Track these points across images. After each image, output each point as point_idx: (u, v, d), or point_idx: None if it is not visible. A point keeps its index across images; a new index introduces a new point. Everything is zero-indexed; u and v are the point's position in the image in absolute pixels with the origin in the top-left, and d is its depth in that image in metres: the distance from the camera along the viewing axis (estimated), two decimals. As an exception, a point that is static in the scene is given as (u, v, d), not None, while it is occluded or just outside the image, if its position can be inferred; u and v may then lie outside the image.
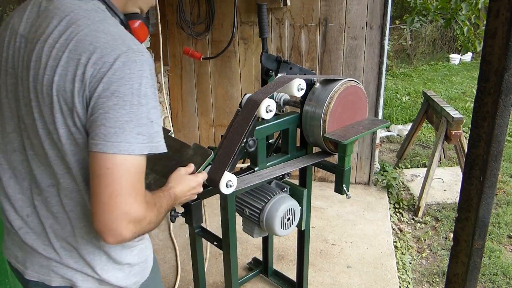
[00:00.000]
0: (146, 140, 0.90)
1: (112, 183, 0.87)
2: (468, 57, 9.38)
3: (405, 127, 5.28)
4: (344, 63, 3.45)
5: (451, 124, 3.41)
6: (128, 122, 0.87)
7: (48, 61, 0.91)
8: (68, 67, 0.89)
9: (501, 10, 0.90)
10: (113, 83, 0.87)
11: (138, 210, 0.90)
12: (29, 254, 1.07)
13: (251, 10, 3.46)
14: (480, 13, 4.06)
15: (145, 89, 0.90)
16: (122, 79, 0.87)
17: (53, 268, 1.05)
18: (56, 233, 1.03)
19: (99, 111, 0.87)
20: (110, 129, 0.86)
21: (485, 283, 2.67)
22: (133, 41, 0.94)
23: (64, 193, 1.00)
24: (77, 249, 1.03)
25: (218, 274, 2.62)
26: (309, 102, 1.80)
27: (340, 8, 3.31)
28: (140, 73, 0.90)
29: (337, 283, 2.55)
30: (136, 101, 0.88)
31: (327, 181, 3.78)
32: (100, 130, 0.87)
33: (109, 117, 0.87)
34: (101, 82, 0.87)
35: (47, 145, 0.96)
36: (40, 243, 1.04)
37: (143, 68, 0.91)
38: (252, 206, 1.84)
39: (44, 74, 0.91)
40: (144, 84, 0.90)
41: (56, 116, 0.91)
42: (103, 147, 0.86)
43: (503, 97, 0.94)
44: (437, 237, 3.14)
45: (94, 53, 0.88)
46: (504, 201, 3.59)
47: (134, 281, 1.10)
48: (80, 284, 1.04)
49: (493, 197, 1.04)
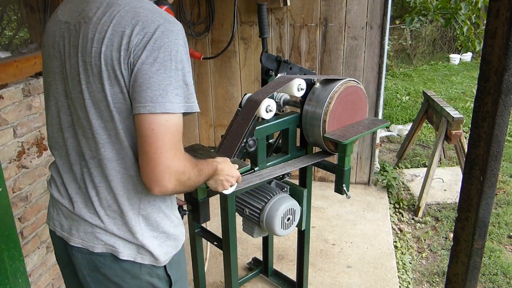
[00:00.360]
0: (183, 100, 1.02)
1: (156, 141, 0.99)
2: (468, 57, 9.38)
3: (405, 127, 5.28)
4: (344, 63, 3.45)
5: (451, 124, 3.41)
6: (169, 85, 0.99)
7: (95, 35, 1.02)
8: (113, 38, 1.00)
9: (501, 10, 0.90)
10: (154, 50, 0.98)
11: (178, 165, 1.03)
12: (75, 222, 1.16)
13: (251, 10, 3.46)
14: (480, 13, 4.06)
15: (181, 55, 1.02)
16: (162, 47, 0.99)
17: (97, 234, 1.13)
18: (100, 202, 1.12)
19: (144, 76, 0.98)
20: (155, 92, 0.98)
21: (485, 283, 2.67)
22: (168, 14, 1.06)
23: (105, 163, 1.08)
24: (120, 216, 1.12)
25: (218, 274, 2.62)
26: (309, 102, 1.80)
27: (340, 8, 3.31)
28: (176, 41, 1.01)
29: (337, 283, 2.56)
30: (174, 66, 1.00)
31: (327, 181, 3.78)
32: (147, 93, 0.98)
33: (153, 81, 0.98)
34: (144, 50, 0.98)
35: (92, 115, 1.06)
36: (87, 212, 1.14)
37: (179, 37, 1.02)
38: (252, 206, 1.84)
39: (92, 47, 1.02)
40: (180, 51, 1.02)
41: (105, 84, 1.02)
42: (151, 108, 0.98)
43: (503, 97, 0.94)
44: (437, 237, 3.14)
45: (137, 25, 1.00)
46: (504, 201, 3.59)
47: (166, 251, 1.18)
48: (121, 250, 1.13)
49: (493, 197, 1.04)
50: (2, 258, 1.51)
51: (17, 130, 1.95)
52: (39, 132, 2.10)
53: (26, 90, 2.00)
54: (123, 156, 1.08)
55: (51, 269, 2.27)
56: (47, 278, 2.24)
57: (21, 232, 2.01)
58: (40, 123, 2.10)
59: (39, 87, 2.08)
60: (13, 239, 1.58)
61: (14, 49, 2.35)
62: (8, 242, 1.55)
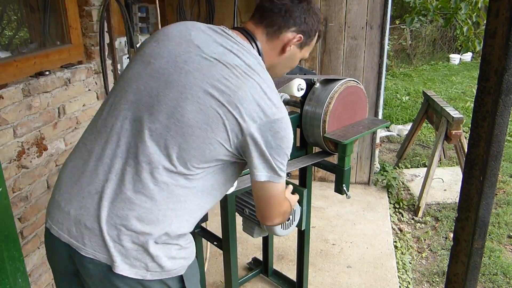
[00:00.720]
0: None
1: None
2: (468, 56, 9.38)
3: (405, 127, 5.28)
4: (344, 63, 3.45)
5: (451, 124, 3.41)
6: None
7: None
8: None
9: (501, 10, 0.90)
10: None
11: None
12: (88, 230, 1.09)
13: (251, 10, 3.44)
14: (480, 12, 4.05)
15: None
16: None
17: (110, 248, 1.07)
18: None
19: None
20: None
21: (485, 283, 2.67)
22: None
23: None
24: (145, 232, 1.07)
25: (218, 274, 2.62)
26: (309, 102, 1.80)
27: (340, 8, 3.31)
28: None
29: (337, 283, 2.55)
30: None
31: (327, 181, 3.78)
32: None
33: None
34: None
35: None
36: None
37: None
38: (252, 206, 1.84)
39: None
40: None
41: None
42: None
43: (503, 97, 0.93)
44: (437, 237, 3.14)
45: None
46: (504, 201, 3.59)
47: (179, 263, 1.15)
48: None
49: (493, 197, 1.04)
50: (2, 258, 1.51)
51: (17, 130, 1.95)
52: (39, 132, 2.10)
53: (26, 90, 2.00)
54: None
55: (51, 269, 2.26)
56: (47, 278, 2.24)
57: (21, 232, 2.01)
58: (40, 123, 2.10)
59: (39, 87, 2.08)
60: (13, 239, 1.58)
61: (14, 49, 2.34)
62: (8, 242, 1.55)
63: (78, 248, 1.10)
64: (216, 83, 1.06)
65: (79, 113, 2.41)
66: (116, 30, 2.73)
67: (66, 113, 2.31)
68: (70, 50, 2.40)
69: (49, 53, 2.22)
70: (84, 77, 2.45)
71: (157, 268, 1.09)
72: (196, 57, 1.10)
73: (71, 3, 2.39)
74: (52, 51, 2.26)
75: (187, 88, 1.06)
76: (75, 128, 2.39)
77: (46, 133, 2.15)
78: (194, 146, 1.06)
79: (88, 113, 2.49)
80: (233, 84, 1.06)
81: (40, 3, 2.34)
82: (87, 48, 2.54)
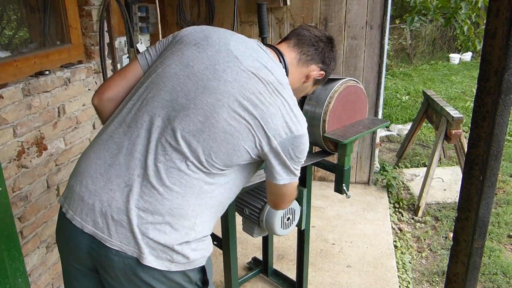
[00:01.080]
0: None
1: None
2: (468, 56, 9.38)
3: (405, 126, 5.28)
4: (344, 62, 3.45)
5: (451, 124, 3.41)
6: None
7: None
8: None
9: (501, 10, 0.90)
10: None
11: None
12: (115, 222, 1.12)
13: (251, 9, 3.46)
14: (480, 12, 4.06)
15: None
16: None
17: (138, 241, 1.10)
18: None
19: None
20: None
21: (485, 282, 2.67)
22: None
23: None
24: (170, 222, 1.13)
25: (218, 274, 2.62)
26: (309, 101, 1.80)
27: (340, 8, 3.31)
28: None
29: (337, 283, 2.56)
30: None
31: (327, 181, 3.78)
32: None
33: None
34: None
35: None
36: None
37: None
38: (252, 206, 1.84)
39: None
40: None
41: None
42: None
43: (503, 97, 0.93)
44: (437, 237, 3.14)
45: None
46: (504, 200, 3.59)
47: (200, 254, 1.20)
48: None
49: (493, 197, 1.04)
50: (2, 258, 1.51)
51: (17, 129, 1.95)
52: (39, 132, 2.10)
53: (25, 90, 2.00)
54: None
55: (51, 269, 2.27)
56: (47, 278, 2.24)
57: (21, 231, 2.01)
58: (40, 123, 2.10)
59: (38, 86, 2.08)
60: (13, 238, 1.58)
61: (14, 48, 2.35)
62: (8, 242, 1.55)
63: (103, 240, 1.13)
64: (252, 97, 1.16)
65: (79, 113, 2.41)
66: (116, 30, 2.73)
67: (66, 112, 2.31)
68: (70, 49, 2.40)
69: (49, 53, 2.22)
70: (84, 76, 2.45)
71: (182, 259, 1.14)
72: (235, 68, 1.18)
73: (71, 3, 2.39)
74: (52, 50, 2.26)
75: (224, 96, 1.15)
76: (75, 127, 2.39)
77: (46, 132, 2.15)
78: (223, 150, 1.15)
79: (88, 113, 2.49)
80: (266, 100, 1.16)
81: (40, 3, 2.33)
82: (87, 47, 2.54)
